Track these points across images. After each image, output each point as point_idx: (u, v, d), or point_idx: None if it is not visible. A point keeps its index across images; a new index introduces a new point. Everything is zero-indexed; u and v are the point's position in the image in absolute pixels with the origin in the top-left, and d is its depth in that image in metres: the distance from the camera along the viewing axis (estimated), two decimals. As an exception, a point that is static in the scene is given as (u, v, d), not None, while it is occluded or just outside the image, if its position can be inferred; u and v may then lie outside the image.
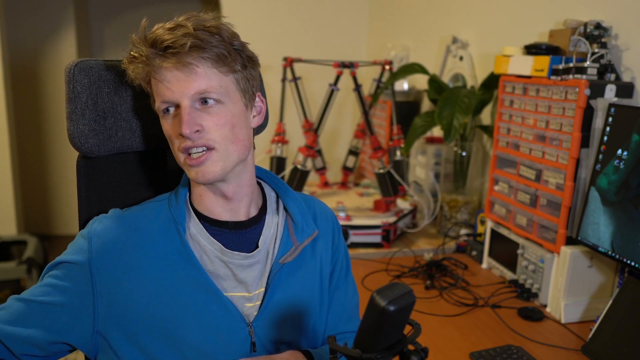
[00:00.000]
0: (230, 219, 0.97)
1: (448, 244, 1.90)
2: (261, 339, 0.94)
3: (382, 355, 0.70)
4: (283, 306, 0.97)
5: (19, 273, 3.01)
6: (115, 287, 0.88)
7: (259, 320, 0.94)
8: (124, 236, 0.91)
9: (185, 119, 0.86)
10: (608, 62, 1.40)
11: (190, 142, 0.88)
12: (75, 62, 0.95)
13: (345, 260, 1.13)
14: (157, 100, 0.89)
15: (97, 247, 0.89)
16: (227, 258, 0.94)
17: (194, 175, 0.90)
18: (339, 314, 1.08)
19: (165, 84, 0.87)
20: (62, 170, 4.40)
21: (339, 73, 1.97)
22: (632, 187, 1.19)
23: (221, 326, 0.91)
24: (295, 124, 2.36)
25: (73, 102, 0.95)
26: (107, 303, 0.88)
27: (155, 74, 0.87)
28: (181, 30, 0.85)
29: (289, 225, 1.01)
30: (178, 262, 0.91)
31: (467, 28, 2.21)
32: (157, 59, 0.86)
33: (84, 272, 0.88)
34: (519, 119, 1.58)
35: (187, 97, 0.87)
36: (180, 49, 0.84)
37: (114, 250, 0.90)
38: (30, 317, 0.88)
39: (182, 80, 0.86)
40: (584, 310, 1.39)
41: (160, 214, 0.94)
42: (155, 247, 0.91)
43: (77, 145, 0.96)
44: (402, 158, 2.08)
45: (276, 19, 3.08)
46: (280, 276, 0.97)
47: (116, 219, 0.93)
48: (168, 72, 0.86)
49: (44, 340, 0.88)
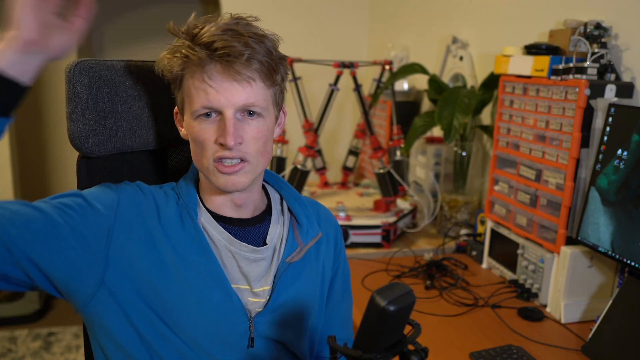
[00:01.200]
0: (236, 217, 0.98)
1: (448, 244, 1.90)
2: (260, 336, 0.94)
3: (382, 355, 0.70)
4: (287, 306, 0.97)
5: (19, 273, 3.01)
6: (127, 252, 0.87)
7: (262, 316, 0.94)
8: (147, 209, 0.91)
9: (230, 130, 0.85)
10: (608, 62, 1.40)
11: (227, 152, 0.87)
12: (75, 61, 0.95)
13: (346, 267, 1.13)
14: (197, 102, 0.87)
15: (124, 207, 0.89)
16: (234, 248, 0.94)
17: (222, 183, 0.90)
18: (337, 321, 1.10)
19: (214, 89, 0.85)
20: (62, 170, 4.40)
21: (339, 73, 1.97)
22: (632, 187, 1.19)
23: (222, 316, 0.91)
24: (295, 124, 2.35)
25: (73, 102, 0.95)
26: (117, 264, 0.86)
27: (205, 77, 0.85)
28: (236, 37, 0.84)
29: (294, 227, 1.02)
30: (190, 248, 0.90)
31: (467, 28, 2.21)
32: (212, 64, 0.85)
33: (106, 221, 0.87)
34: (519, 119, 1.58)
35: (233, 107, 0.86)
36: (237, 59, 0.84)
37: (137, 218, 0.89)
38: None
39: (231, 90, 0.85)
40: (584, 310, 1.39)
41: (173, 199, 0.94)
42: (170, 229, 0.91)
43: (77, 146, 0.97)
44: (402, 158, 2.08)
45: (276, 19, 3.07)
46: (286, 275, 0.97)
47: (143, 191, 0.93)
48: (221, 79, 0.85)
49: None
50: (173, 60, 0.88)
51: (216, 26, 0.85)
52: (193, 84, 0.87)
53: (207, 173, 0.91)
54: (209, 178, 0.92)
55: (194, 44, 0.85)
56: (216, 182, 0.90)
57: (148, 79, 1.02)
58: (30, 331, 3.02)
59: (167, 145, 1.09)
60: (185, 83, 0.89)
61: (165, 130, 1.05)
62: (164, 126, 1.05)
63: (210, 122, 0.88)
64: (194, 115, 0.88)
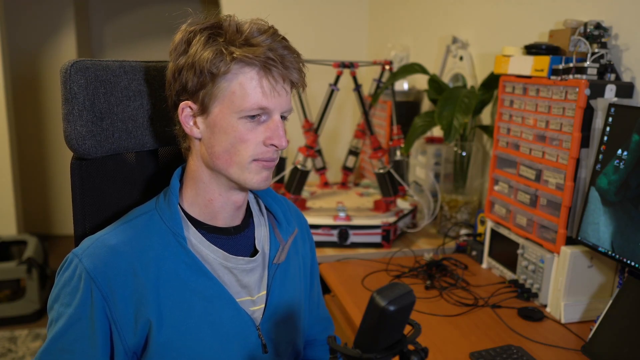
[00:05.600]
0: (229, 225, 0.97)
1: (448, 244, 1.90)
2: (269, 340, 0.96)
3: (382, 355, 0.70)
4: (283, 306, 0.99)
5: (19, 273, 3.01)
6: (128, 318, 0.86)
7: (265, 322, 0.96)
8: (124, 265, 0.86)
9: (281, 133, 0.90)
10: (608, 62, 1.40)
11: (273, 154, 0.91)
12: (71, 62, 0.93)
13: (315, 253, 1.19)
14: (250, 102, 0.86)
15: (104, 285, 0.84)
16: (231, 264, 0.94)
17: (258, 181, 0.91)
18: (318, 298, 1.19)
19: (272, 92, 0.88)
20: (62, 170, 4.40)
21: (339, 73, 1.97)
22: (632, 187, 1.19)
23: (235, 333, 0.92)
24: (295, 124, 2.36)
25: (70, 103, 0.93)
26: (125, 335, 0.86)
27: (270, 79, 0.87)
28: (286, 47, 0.88)
29: (273, 225, 1.04)
30: (187, 275, 0.89)
31: (467, 28, 2.21)
32: (275, 67, 0.87)
33: (102, 321, 0.85)
34: (519, 119, 1.58)
35: (280, 110, 0.90)
36: (292, 65, 0.88)
37: (121, 282, 0.85)
38: None
39: (283, 94, 0.90)
40: (584, 310, 1.39)
41: (155, 227, 0.91)
42: (160, 266, 0.88)
43: (74, 147, 0.95)
44: (402, 158, 2.08)
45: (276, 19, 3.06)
46: (277, 277, 1.00)
47: (109, 251, 0.86)
48: (280, 83, 0.88)
49: None
50: (230, 56, 0.85)
51: (270, 33, 0.88)
52: (248, 84, 0.86)
53: (241, 171, 0.90)
54: (238, 176, 0.90)
55: (261, 46, 0.86)
56: (251, 179, 0.91)
57: (143, 79, 1.01)
58: (30, 331, 3.02)
59: (159, 145, 1.08)
60: (236, 80, 0.86)
61: (159, 130, 1.04)
62: (158, 126, 1.04)
63: (256, 123, 0.89)
64: (240, 115, 0.87)
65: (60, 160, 4.39)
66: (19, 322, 3.06)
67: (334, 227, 1.83)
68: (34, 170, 4.36)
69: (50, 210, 4.45)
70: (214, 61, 0.85)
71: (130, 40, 4.60)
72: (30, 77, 4.24)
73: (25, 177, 4.22)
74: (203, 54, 0.86)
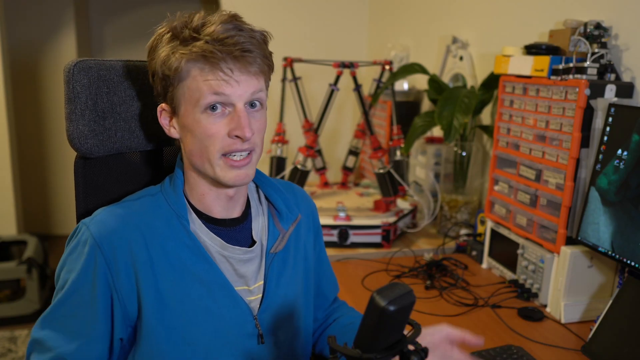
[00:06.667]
0: (226, 217, 0.97)
1: (448, 244, 1.90)
2: (266, 331, 0.96)
3: (382, 355, 0.70)
4: (280, 296, 0.99)
5: (19, 273, 3.01)
6: (127, 288, 0.87)
7: (263, 312, 0.96)
8: (129, 234, 0.88)
9: (245, 122, 0.86)
10: (608, 62, 1.40)
11: (240, 145, 0.88)
12: (75, 61, 0.94)
13: (322, 239, 1.18)
14: (207, 95, 0.86)
15: (108, 251, 0.86)
16: (227, 253, 0.95)
17: (232, 178, 0.89)
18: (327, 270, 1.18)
19: (227, 82, 0.85)
20: (62, 170, 4.40)
21: (339, 73, 1.97)
22: (632, 187, 1.19)
23: (230, 320, 0.92)
24: (295, 124, 2.36)
25: (73, 103, 0.94)
26: (126, 303, 0.88)
27: (223, 70, 0.85)
28: (241, 32, 0.86)
29: (273, 214, 1.03)
30: (188, 257, 0.90)
31: (467, 28, 2.21)
32: (227, 58, 0.85)
33: (102, 275, 0.86)
34: (519, 119, 1.58)
35: (244, 99, 0.88)
36: (248, 52, 0.85)
37: (125, 251, 0.87)
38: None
39: (243, 81, 0.87)
40: (584, 310, 1.39)
41: (160, 208, 0.93)
42: (163, 243, 0.90)
43: (76, 146, 0.96)
44: (402, 158, 2.08)
45: (276, 19, 3.08)
46: (274, 266, 0.99)
47: (116, 219, 0.89)
48: (236, 72, 0.86)
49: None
50: (175, 56, 0.86)
51: (219, 22, 0.86)
52: (203, 78, 0.86)
53: (212, 169, 0.89)
54: (212, 174, 0.90)
55: (202, 39, 0.85)
56: (224, 177, 0.89)
57: (146, 78, 1.01)
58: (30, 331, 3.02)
59: (163, 146, 1.08)
60: (189, 78, 0.87)
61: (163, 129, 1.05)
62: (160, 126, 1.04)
63: (219, 116, 0.88)
64: (201, 109, 0.87)
65: (61, 160, 4.39)
66: (19, 322, 3.06)
67: (334, 227, 1.83)
68: (34, 170, 4.36)
69: (50, 210, 4.45)
70: (167, 63, 0.87)
71: (130, 40, 4.60)
72: (30, 77, 4.24)
73: (25, 177, 4.21)
74: (160, 57, 0.88)
